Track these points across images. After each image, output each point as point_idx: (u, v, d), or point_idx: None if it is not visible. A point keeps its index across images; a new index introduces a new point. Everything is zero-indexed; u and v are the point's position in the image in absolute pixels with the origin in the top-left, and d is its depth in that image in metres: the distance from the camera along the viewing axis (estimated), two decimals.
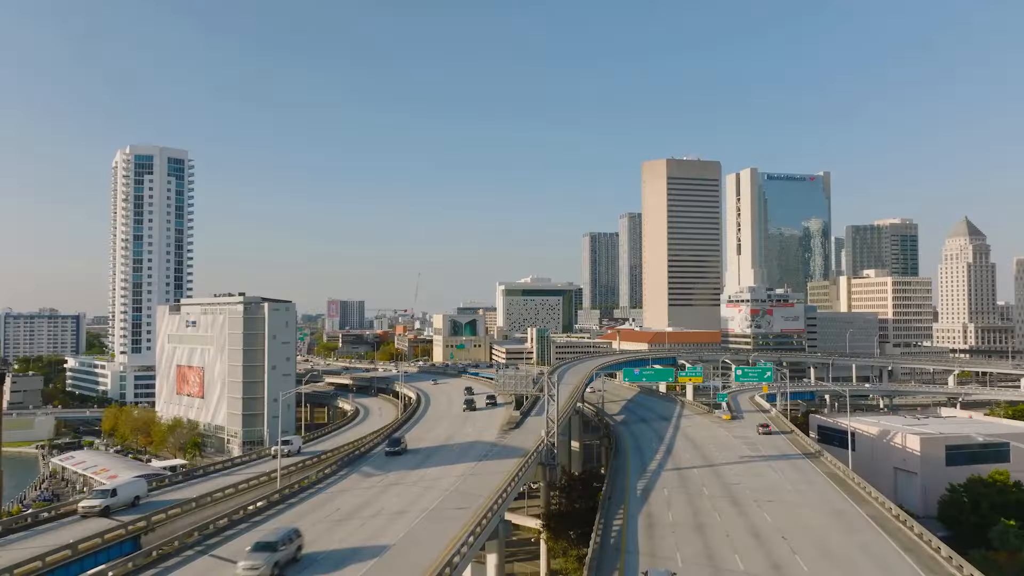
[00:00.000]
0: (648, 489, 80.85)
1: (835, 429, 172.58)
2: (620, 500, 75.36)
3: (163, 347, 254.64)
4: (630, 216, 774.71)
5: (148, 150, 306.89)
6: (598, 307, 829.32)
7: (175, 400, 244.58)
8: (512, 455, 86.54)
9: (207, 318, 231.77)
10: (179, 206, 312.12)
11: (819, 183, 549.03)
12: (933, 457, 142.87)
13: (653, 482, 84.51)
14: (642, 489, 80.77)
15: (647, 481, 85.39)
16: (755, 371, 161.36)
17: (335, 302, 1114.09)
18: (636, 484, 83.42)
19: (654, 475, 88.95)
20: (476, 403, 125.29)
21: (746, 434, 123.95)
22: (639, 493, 78.69)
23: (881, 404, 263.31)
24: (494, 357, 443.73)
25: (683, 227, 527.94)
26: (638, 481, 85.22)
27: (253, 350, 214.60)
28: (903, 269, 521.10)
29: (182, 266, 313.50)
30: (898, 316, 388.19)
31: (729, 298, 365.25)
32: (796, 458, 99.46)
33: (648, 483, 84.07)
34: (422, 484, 72.82)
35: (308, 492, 71.01)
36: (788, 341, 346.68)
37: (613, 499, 75.99)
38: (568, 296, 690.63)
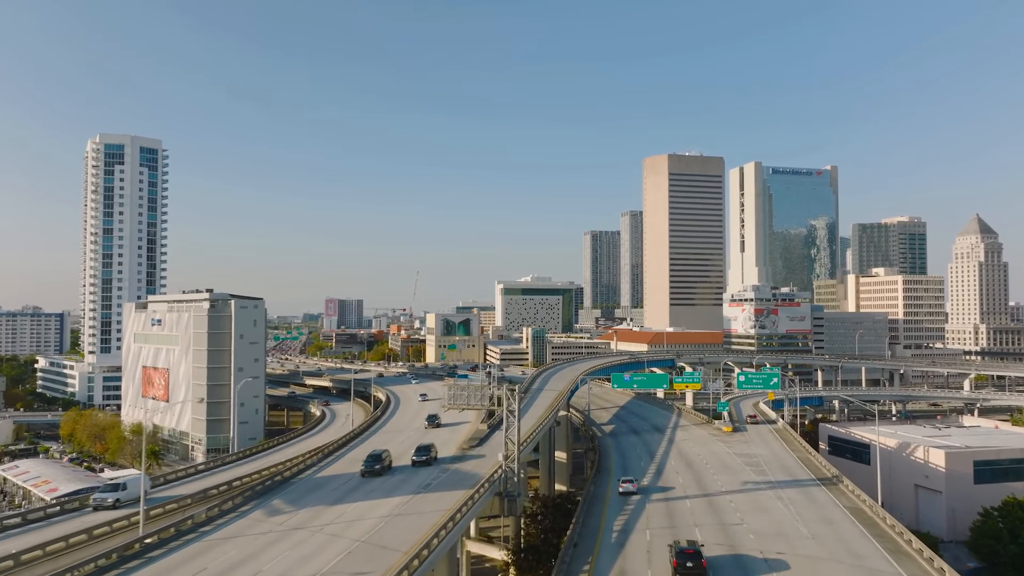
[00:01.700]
0: (627, 530, 64.65)
1: (849, 441, 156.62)
2: (589, 548, 59.19)
3: (129, 347, 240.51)
4: (632, 214, 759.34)
5: (119, 139, 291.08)
6: (599, 307, 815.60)
7: (140, 403, 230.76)
8: (461, 485, 70.43)
9: (172, 316, 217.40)
10: (152, 198, 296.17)
11: (826, 177, 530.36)
12: (959, 474, 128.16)
13: (635, 519, 68.28)
14: (619, 531, 64.53)
15: (627, 517, 69.16)
16: (760, 377, 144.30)
17: (333, 301, 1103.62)
18: (613, 522, 67.22)
19: (637, 508, 72.75)
20: (441, 419, 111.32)
21: (750, 451, 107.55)
22: (614, 537, 62.46)
23: (894, 410, 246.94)
24: (488, 358, 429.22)
25: (685, 224, 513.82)
26: (616, 517, 69.02)
27: (219, 351, 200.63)
28: (911, 269, 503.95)
29: (155, 261, 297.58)
30: (909, 316, 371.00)
31: (732, 297, 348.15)
32: (809, 485, 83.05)
33: (628, 520, 67.84)
34: (333, 528, 56.65)
35: (186, 538, 54.90)
36: (793, 342, 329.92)
37: (580, 547, 59.71)
38: (568, 295, 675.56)
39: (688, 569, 52.25)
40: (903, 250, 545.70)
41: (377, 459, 77.37)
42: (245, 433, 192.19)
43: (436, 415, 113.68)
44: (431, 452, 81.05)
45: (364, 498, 66.49)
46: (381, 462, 77.06)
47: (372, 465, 76.45)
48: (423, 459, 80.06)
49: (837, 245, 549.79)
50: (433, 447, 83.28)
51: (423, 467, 79.42)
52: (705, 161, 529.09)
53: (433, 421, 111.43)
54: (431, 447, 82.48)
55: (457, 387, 74.03)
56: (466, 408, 74.12)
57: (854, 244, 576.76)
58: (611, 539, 61.84)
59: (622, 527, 65.37)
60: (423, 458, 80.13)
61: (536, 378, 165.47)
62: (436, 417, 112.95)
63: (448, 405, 75.70)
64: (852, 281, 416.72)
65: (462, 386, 73.93)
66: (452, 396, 73.99)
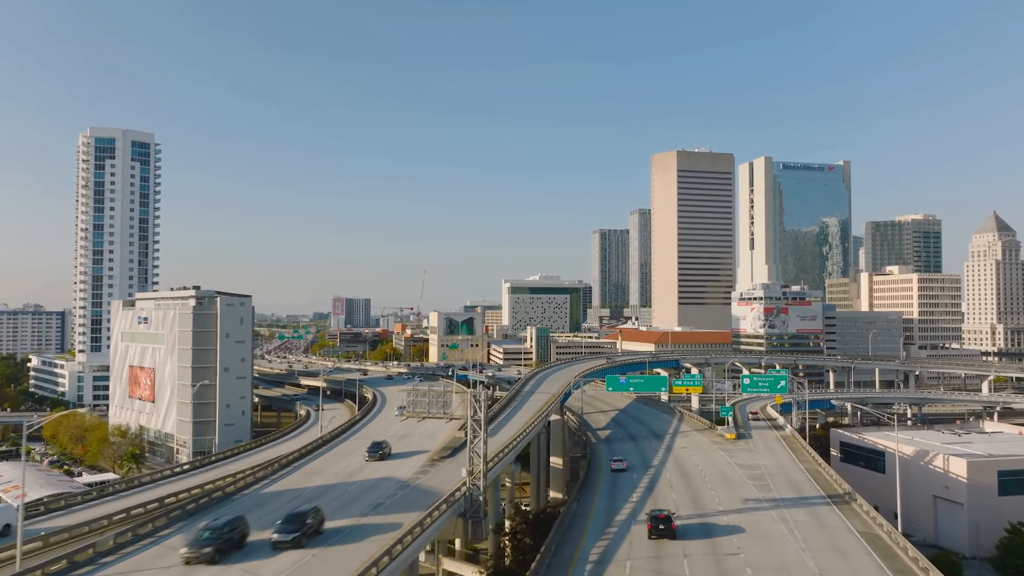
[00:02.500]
0: (604, 561, 55.56)
1: (862, 448, 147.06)
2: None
3: (116, 346, 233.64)
4: (641, 212, 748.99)
5: (110, 132, 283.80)
6: (608, 306, 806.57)
7: (127, 404, 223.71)
8: (419, 504, 61.51)
9: (158, 314, 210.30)
10: (144, 193, 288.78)
11: (838, 173, 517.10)
12: (982, 485, 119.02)
13: (615, 547, 59.27)
14: (595, 562, 55.38)
15: (607, 544, 60.20)
16: (766, 380, 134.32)
17: (340, 300, 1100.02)
18: (590, 552, 58.10)
19: (620, 533, 63.76)
20: (390, 448, 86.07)
21: (754, 461, 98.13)
22: (588, 571, 53.26)
23: (909, 413, 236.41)
24: (492, 357, 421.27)
25: (694, 222, 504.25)
26: (594, 546, 59.92)
27: (204, 350, 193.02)
28: (925, 268, 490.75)
29: (147, 258, 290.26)
30: (924, 316, 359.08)
31: (741, 296, 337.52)
32: (818, 503, 73.67)
33: (607, 549, 58.82)
34: (250, 563, 47.72)
35: (80, 572, 46.29)
36: (804, 342, 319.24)
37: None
38: (576, 295, 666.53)
39: (661, 531, 61.81)
40: (917, 248, 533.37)
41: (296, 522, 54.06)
42: (231, 435, 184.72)
43: (382, 444, 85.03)
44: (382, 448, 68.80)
45: None
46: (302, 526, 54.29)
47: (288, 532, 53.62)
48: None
49: (850, 243, 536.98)
50: (386, 444, 72.20)
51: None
52: (715, 157, 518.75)
53: (376, 451, 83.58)
54: (383, 443, 71.40)
55: (416, 392, 65.08)
56: (426, 416, 65.32)
57: (867, 242, 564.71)
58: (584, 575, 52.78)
59: (599, 558, 56.27)
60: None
61: (529, 380, 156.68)
62: (381, 446, 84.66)
63: (407, 413, 66.74)
64: (865, 279, 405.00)
65: (421, 391, 64.97)
66: (411, 403, 65.10)
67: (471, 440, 61.92)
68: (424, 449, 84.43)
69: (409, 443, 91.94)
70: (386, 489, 68.21)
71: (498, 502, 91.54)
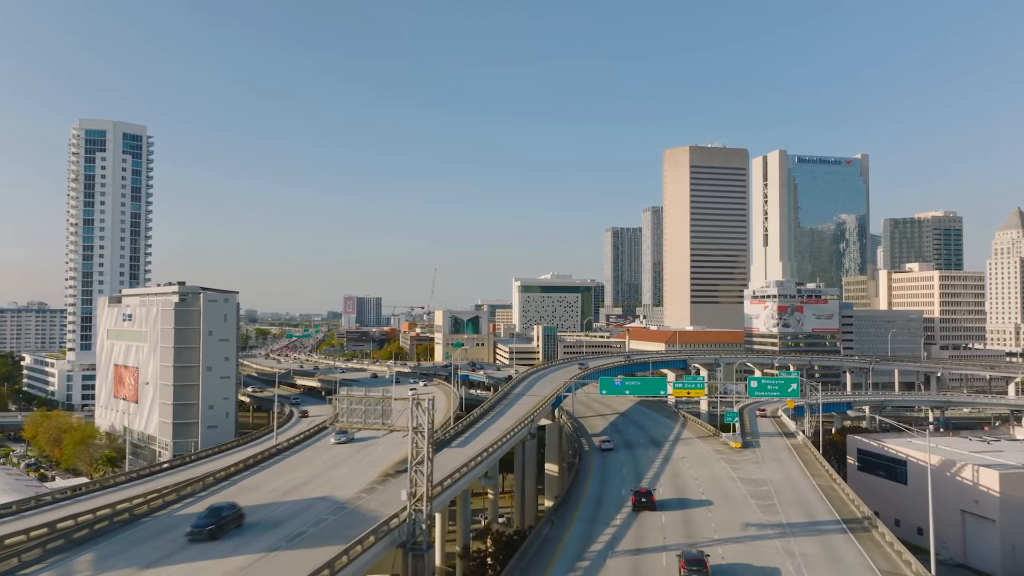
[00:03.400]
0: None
1: (882, 456, 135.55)
2: None
3: (102, 344, 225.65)
4: (653, 210, 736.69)
5: (100, 124, 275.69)
6: (620, 304, 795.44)
7: (112, 404, 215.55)
8: (347, 534, 50.88)
9: (142, 311, 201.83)
10: (136, 187, 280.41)
11: (856, 167, 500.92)
12: (1017, 500, 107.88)
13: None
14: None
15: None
16: (776, 383, 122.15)
17: (351, 299, 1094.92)
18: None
19: (594, 566, 52.87)
20: None
21: (760, 474, 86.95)
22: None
23: (931, 417, 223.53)
24: (498, 357, 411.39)
25: (707, 219, 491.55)
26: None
27: (186, 348, 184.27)
28: (946, 266, 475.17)
29: (139, 254, 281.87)
30: (946, 315, 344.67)
31: (753, 293, 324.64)
32: (832, 531, 62.51)
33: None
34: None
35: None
36: (820, 342, 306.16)
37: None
38: (587, 293, 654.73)
39: (643, 504, 70.66)
40: (937, 246, 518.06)
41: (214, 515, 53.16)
42: (215, 437, 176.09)
43: None
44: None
45: (199, 557, 47.27)
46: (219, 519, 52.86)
47: (206, 524, 52.30)
48: None
49: (867, 240, 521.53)
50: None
51: None
52: (728, 153, 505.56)
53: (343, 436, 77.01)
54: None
55: (351, 400, 54.51)
56: (363, 427, 54.79)
57: (885, 240, 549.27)
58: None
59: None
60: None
61: (521, 381, 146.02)
62: None
63: (339, 424, 56.37)
64: (884, 277, 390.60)
65: (356, 398, 54.38)
66: (345, 411, 54.57)
67: (412, 458, 51.30)
68: (371, 467, 73.88)
69: (357, 460, 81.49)
70: (318, 513, 57.84)
71: (467, 521, 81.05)
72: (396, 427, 53.98)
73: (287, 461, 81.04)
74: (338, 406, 56.33)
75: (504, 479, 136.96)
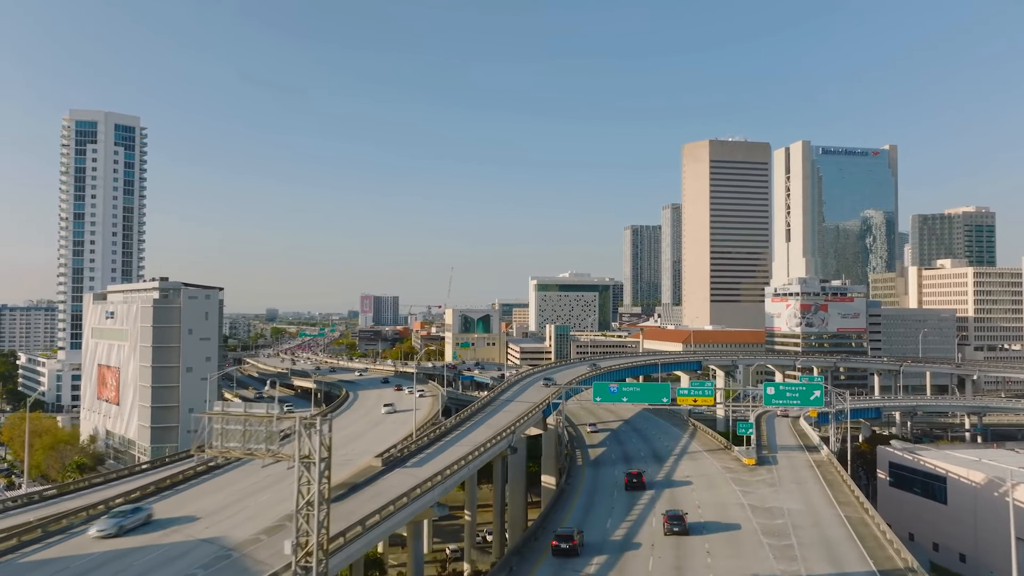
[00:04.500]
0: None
1: (918, 471, 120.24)
2: None
3: (87, 342, 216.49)
4: (673, 207, 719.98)
5: (91, 115, 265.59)
6: (640, 304, 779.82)
7: (95, 406, 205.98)
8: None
9: (124, 308, 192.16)
10: (128, 180, 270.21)
11: (884, 159, 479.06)
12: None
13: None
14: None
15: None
16: (795, 389, 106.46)
17: (368, 297, 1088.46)
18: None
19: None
20: None
21: (776, 501, 72.61)
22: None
23: (967, 424, 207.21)
24: (509, 357, 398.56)
25: (727, 216, 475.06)
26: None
27: (165, 348, 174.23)
28: (978, 263, 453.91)
29: (131, 249, 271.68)
30: (980, 314, 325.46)
31: (775, 291, 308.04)
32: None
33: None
34: None
35: None
36: (846, 342, 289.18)
37: None
38: (605, 292, 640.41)
39: (634, 484, 79.82)
40: (969, 243, 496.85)
41: None
42: (194, 442, 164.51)
43: None
44: None
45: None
46: None
47: None
48: None
49: (896, 234, 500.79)
50: None
51: None
52: (750, 147, 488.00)
53: None
54: None
55: (226, 418, 41.25)
56: (242, 454, 41.43)
57: (913, 237, 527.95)
58: None
59: None
60: None
61: (513, 385, 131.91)
62: None
63: (210, 451, 42.81)
64: (914, 274, 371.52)
65: (235, 416, 41.09)
66: (218, 433, 41.32)
67: (298, 491, 37.86)
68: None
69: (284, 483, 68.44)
70: (188, 566, 44.50)
71: (419, 560, 67.46)
72: (282, 455, 40.58)
73: (208, 483, 68.13)
74: (206, 425, 43.09)
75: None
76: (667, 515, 64.69)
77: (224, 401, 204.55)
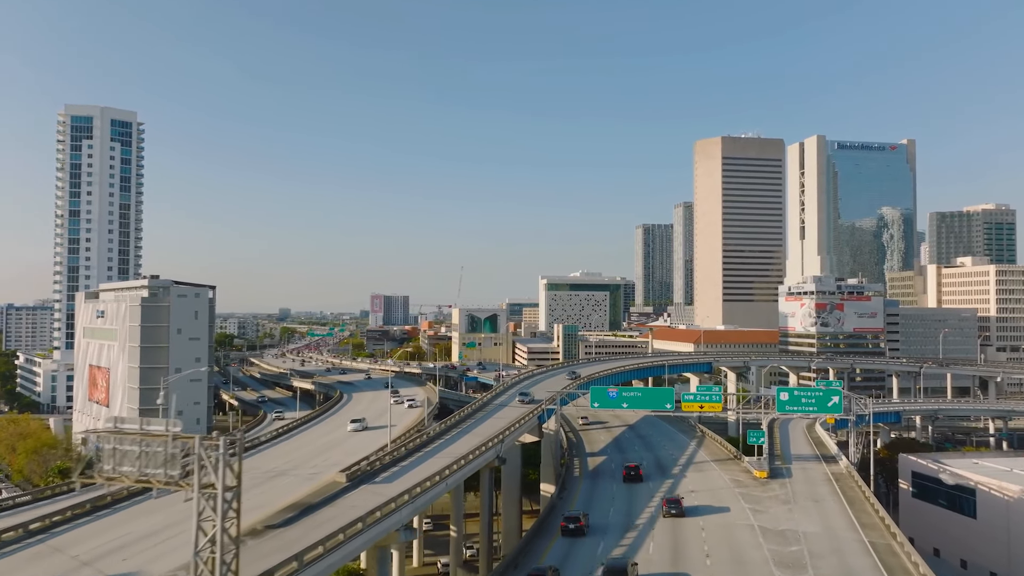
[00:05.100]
0: None
1: (943, 482, 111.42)
2: None
3: (79, 342, 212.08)
4: (685, 205, 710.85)
5: (87, 110, 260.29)
6: (652, 303, 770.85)
7: (87, 408, 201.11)
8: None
9: (114, 307, 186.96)
10: (125, 176, 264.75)
11: (902, 153, 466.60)
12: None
13: None
14: None
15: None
16: (811, 395, 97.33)
17: (378, 297, 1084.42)
18: None
19: None
20: None
21: (791, 523, 64.44)
22: None
23: (991, 428, 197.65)
24: (517, 357, 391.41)
25: (740, 213, 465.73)
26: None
27: (154, 348, 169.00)
28: (997, 261, 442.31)
29: (128, 247, 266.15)
30: (1003, 313, 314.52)
31: (789, 290, 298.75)
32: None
33: None
34: None
35: None
36: (862, 343, 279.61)
37: None
38: (616, 291, 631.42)
39: (632, 477, 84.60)
40: (988, 241, 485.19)
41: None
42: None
43: None
44: None
45: None
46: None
47: None
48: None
49: (914, 232, 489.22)
50: None
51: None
52: (763, 143, 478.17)
53: None
54: None
55: (119, 437, 33.72)
56: (138, 481, 33.69)
57: (931, 235, 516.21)
58: None
59: None
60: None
61: (508, 389, 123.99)
62: None
63: (99, 477, 35.01)
64: (933, 272, 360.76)
65: (130, 435, 33.44)
66: (108, 454, 33.84)
67: (197, 544, 30.31)
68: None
69: (263, 492, 61.05)
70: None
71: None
72: (182, 483, 33.04)
73: (115, 516, 58.42)
74: (91, 443, 35.65)
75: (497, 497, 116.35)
76: (665, 499, 71.70)
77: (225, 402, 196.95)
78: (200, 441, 31.48)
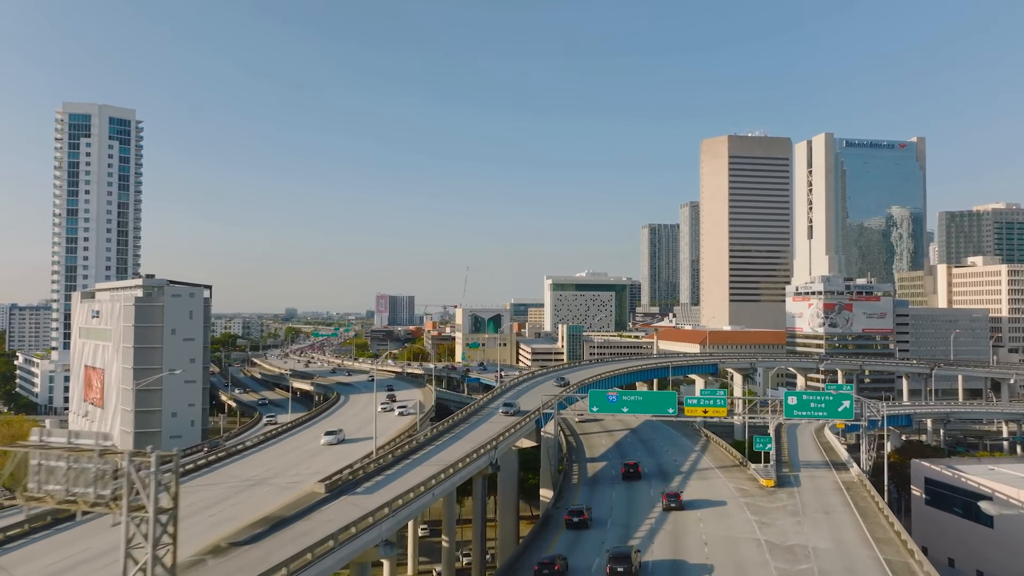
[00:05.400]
0: None
1: (959, 489, 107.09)
2: None
3: (75, 342, 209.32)
4: (691, 205, 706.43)
5: (85, 108, 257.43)
6: (658, 303, 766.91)
7: (82, 409, 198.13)
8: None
9: (109, 307, 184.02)
10: (123, 175, 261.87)
11: (911, 151, 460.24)
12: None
13: None
14: None
15: None
16: (821, 399, 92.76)
17: (384, 297, 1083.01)
18: None
19: None
20: None
21: (800, 537, 60.37)
22: None
23: (1005, 432, 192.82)
24: (521, 358, 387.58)
25: (747, 212, 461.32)
26: None
27: (147, 348, 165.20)
28: (1008, 261, 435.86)
29: (127, 246, 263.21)
30: (1016, 314, 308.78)
31: (796, 290, 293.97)
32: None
33: None
34: None
35: None
36: (871, 344, 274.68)
37: None
38: (622, 292, 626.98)
39: (631, 475, 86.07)
40: (999, 241, 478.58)
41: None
42: (178, 447, 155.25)
43: None
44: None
45: None
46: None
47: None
48: None
49: (923, 231, 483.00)
50: None
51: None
52: (770, 142, 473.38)
53: None
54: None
55: (47, 453, 29.96)
56: (66, 503, 29.98)
57: (940, 234, 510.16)
58: None
59: None
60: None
61: (505, 392, 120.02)
62: None
63: (20, 497, 31.33)
64: (943, 272, 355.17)
65: (58, 451, 29.64)
66: (34, 471, 30.10)
67: (125, 559, 26.49)
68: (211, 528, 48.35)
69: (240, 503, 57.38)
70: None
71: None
72: (112, 505, 29.22)
73: (73, 531, 54.57)
74: (15, 458, 31.82)
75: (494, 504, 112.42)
76: (664, 493, 74.30)
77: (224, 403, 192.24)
78: (129, 458, 27.69)
